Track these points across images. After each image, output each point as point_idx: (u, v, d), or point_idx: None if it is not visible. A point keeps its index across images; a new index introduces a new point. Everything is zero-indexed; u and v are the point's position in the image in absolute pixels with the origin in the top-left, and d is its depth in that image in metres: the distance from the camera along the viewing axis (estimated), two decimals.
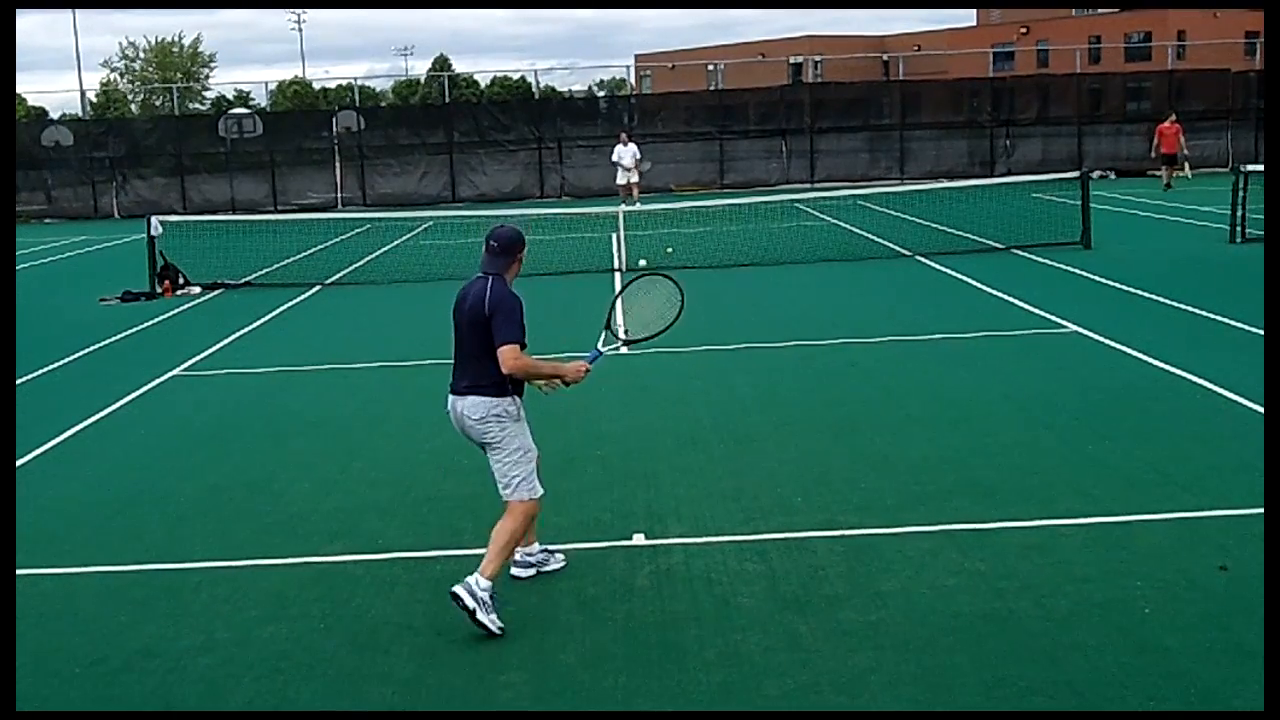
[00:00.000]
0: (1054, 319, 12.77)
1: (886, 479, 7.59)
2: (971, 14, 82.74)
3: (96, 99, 59.09)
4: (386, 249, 23.02)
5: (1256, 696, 4.60)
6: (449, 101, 44.37)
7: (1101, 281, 15.34)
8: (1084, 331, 12.03)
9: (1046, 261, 17.35)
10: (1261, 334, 11.14)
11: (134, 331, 14.86)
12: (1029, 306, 13.60)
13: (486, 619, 5.45)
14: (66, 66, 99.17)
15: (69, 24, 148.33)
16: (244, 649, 5.53)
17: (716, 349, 12.06)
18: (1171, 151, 30.12)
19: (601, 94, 53.97)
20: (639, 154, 30.08)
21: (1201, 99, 37.56)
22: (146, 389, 11.31)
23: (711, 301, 15.21)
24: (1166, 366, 10.34)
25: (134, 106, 63.11)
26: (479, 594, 5.45)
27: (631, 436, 8.89)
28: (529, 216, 25.65)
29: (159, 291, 17.78)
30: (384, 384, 11.23)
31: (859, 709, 4.75)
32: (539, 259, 18.40)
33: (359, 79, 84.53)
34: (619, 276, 17.65)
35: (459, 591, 5.45)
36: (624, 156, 29.78)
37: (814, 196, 29.29)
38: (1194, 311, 12.94)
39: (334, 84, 67.68)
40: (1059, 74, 43.16)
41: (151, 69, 68.46)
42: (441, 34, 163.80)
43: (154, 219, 18.52)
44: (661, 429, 9.07)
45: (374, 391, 10.94)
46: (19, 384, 11.53)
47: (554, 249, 19.82)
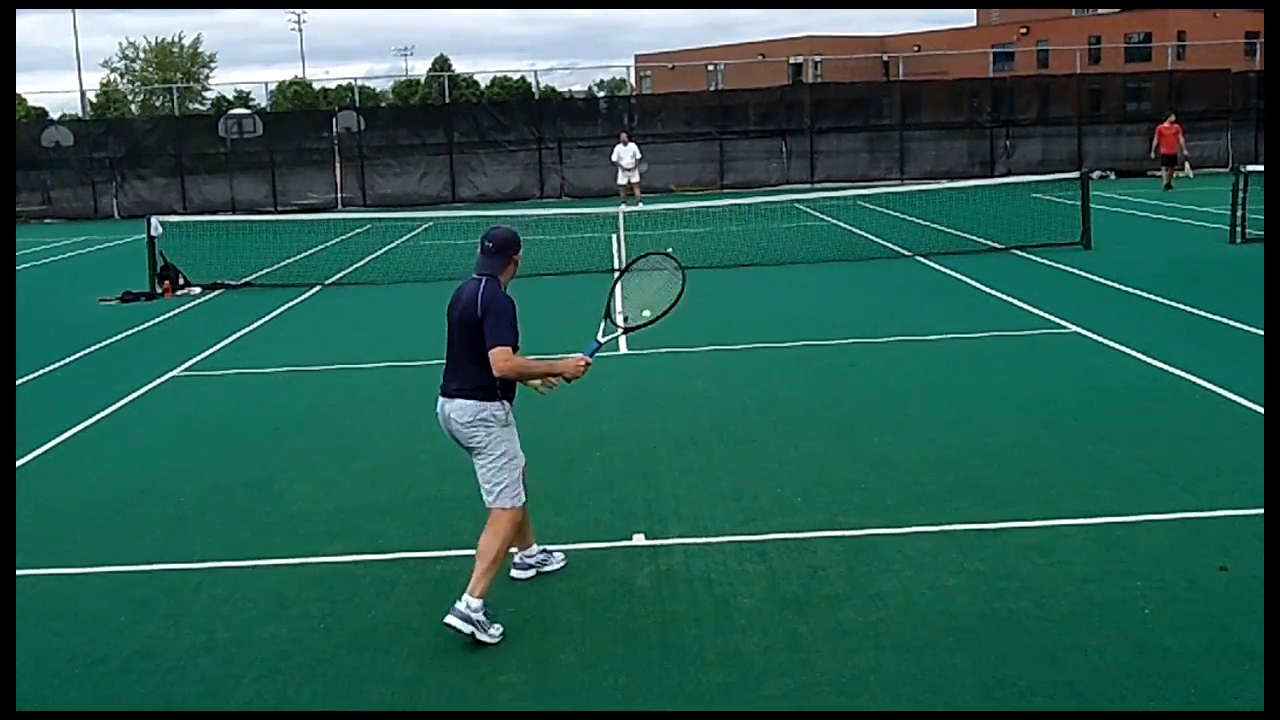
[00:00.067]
0: (1054, 319, 12.77)
1: (887, 479, 7.59)
2: (971, 14, 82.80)
3: (96, 99, 59.13)
4: (386, 249, 23.01)
5: (1256, 696, 4.60)
6: (449, 102, 44.32)
7: (1101, 282, 15.34)
8: (1084, 332, 12.03)
9: (1046, 262, 17.35)
10: (1261, 334, 11.14)
11: (134, 332, 14.86)
12: (1029, 307, 13.60)
13: (486, 637, 5.42)
14: (66, 67, 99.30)
15: (69, 24, 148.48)
16: (244, 649, 5.53)
17: (717, 349, 12.07)
18: (1171, 152, 30.15)
19: (601, 94, 53.97)
20: (639, 154, 30.05)
21: (1201, 99, 37.55)
22: (146, 389, 11.31)
23: (712, 302, 15.22)
24: (1166, 366, 10.34)
25: (134, 107, 63.13)
26: (473, 617, 5.39)
27: (631, 436, 8.89)
28: (529, 217, 25.68)
29: (159, 292, 17.77)
30: (384, 384, 11.24)
31: (859, 709, 4.76)
32: (539, 259, 18.43)
33: (359, 79, 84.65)
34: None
35: (453, 622, 5.37)
36: (624, 157, 29.75)
37: (814, 197, 29.30)
38: (1194, 311, 12.94)
39: (334, 84, 67.84)
40: (1059, 74, 43.14)
41: (151, 69, 68.48)
42: (441, 34, 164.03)
43: (154, 219, 18.51)
44: (661, 429, 9.08)
45: (374, 391, 10.94)
46: (19, 384, 11.53)
47: (554, 249, 19.82)
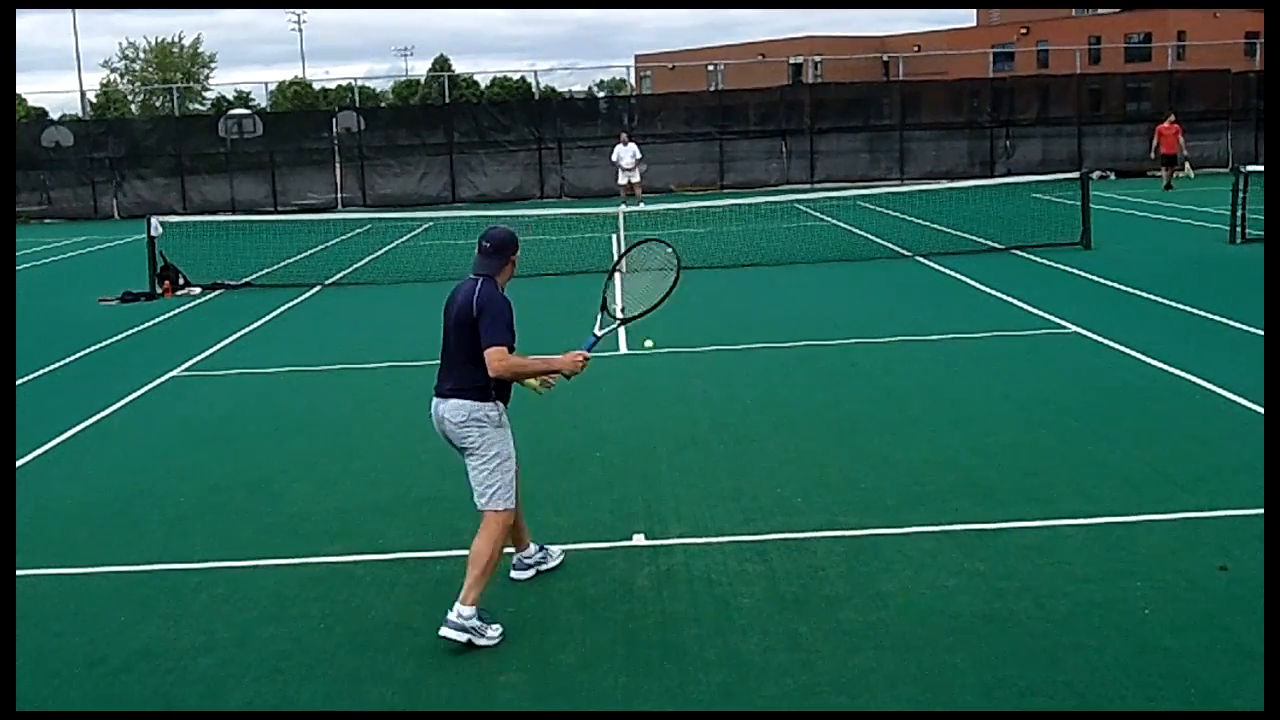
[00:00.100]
0: (1054, 319, 12.77)
1: (887, 479, 7.59)
2: (971, 14, 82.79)
3: (96, 99, 59.12)
4: (386, 249, 23.01)
5: (1256, 696, 4.60)
6: (449, 102, 44.28)
7: (1101, 282, 15.34)
8: (1084, 332, 12.03)
9: (1046, 262, 17.35)
10: (1261, 334, 11.14)
11: (134, 332, 14.86)
12: (1029, 307, 13.60)
13: (484, 641, 5.40)
14: (66, 67, 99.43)
15: (69, 24, 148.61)
16: (244, 649, 5.53)
17: (717, 349, 12.07)
18: (1171, 152, 30.16)
19: (601, 94, 53.96)
20: (639, 154, 30.04)
21: (1201, 99, 37.55)
22: (146, 389, 11.31)
23: (712, 302, 15.22)
24: (1166, 366, 10.34)
25: (134, 107, 63.15)
26: (467, 625, 5.37)
27: (631, 436, 8.89)
28: (529, 217, 25.68)
29: (159, 292, 17.77)
30: (384, 384, 11.23)
31: (859, 709, 4.76)
32: (540, 259, 18.44)
33: (359, 79, 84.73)
34: (619, 277, 17.60)
35: (447, 633, 5.35)
36: (624, 157, 29.74)
37: (814, 197, 29.30)
38: (1194, 311, 12.94)
39: (334, 84, 67.83)
40: (1059, 74, 43.15)
41: (151, 69, 68.50)
42: (441, 34, 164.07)
43: (154, 219, 18.51)
44: (661, 429, 9.08)
45: (374, 391, 10.94)
46: (19, 384, 11.53)
47: (554, 249, 19.82)
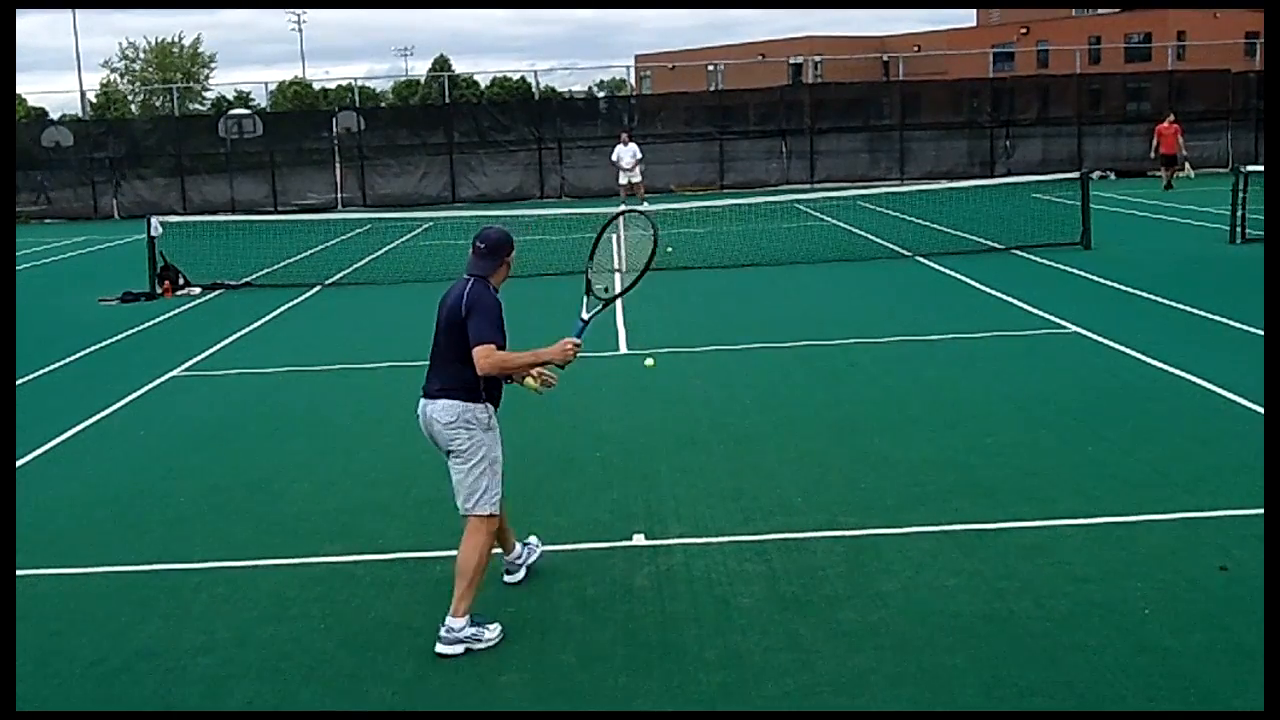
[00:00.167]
0: (1054, 319, 12.77)
1: (887, 479, 7.59)
2: (971, 14, 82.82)
3: (96, 99, 59.10)
4: (386, 249, 23.01)
5: (1256, 696, 4.60)
6: (449, 102, 44.25)
7: (1101, 282, 15.34)
8: (1084, 332, 12.03)
9: (1046, 262, 17.35)
10: (1261, 334, 11.14)
11: (134, 332, 14.86)
12: (1029, 307, 13.60)
13: (482, 645, 5.39)
14: (66, 67, 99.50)
15: (69, 24, 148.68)
16: (244, 649, 5.53)
17: (717, 349, 12.07)
18: (1171, 152, 30.15)
19: (601, 94, 53.96)
20: (639, 153, 30.04)
21: (1201, 99, 37.54)
22: (146, 389, 11.31)
23: (712, 302, 15.24)
24: (1166, 366, 10.34)
25: (134, 107, 63.12)
26: (461, 636, 5.35)
27: (631, 436, 8.89)
28: (529, 217, 25.67)
29: (159, 292, 17.77)
30: (384, 384, 11.23)
31: (859, 709, 4.76)
32: (540, 259, 18.42)
33: (359, 79, 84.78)
34: (619, 277, 17.60)
35: (443, 650, 5.32)
36: (624, 157, 29.75)
37: (814, 197, 29.29)
38: (1194, 311, 12.94)
39: (334, 84, 67.86)
40: (1059, 74, 43.17)
41: (151, 69, 68.47)
42: (441, 34, 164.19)
43: (154, 219, 18.50)
44: (661, 429, 9.07)
45: (374, 391, 10.94)
46: (19, 384, 11.53)
47: (554, 249, 19.80)
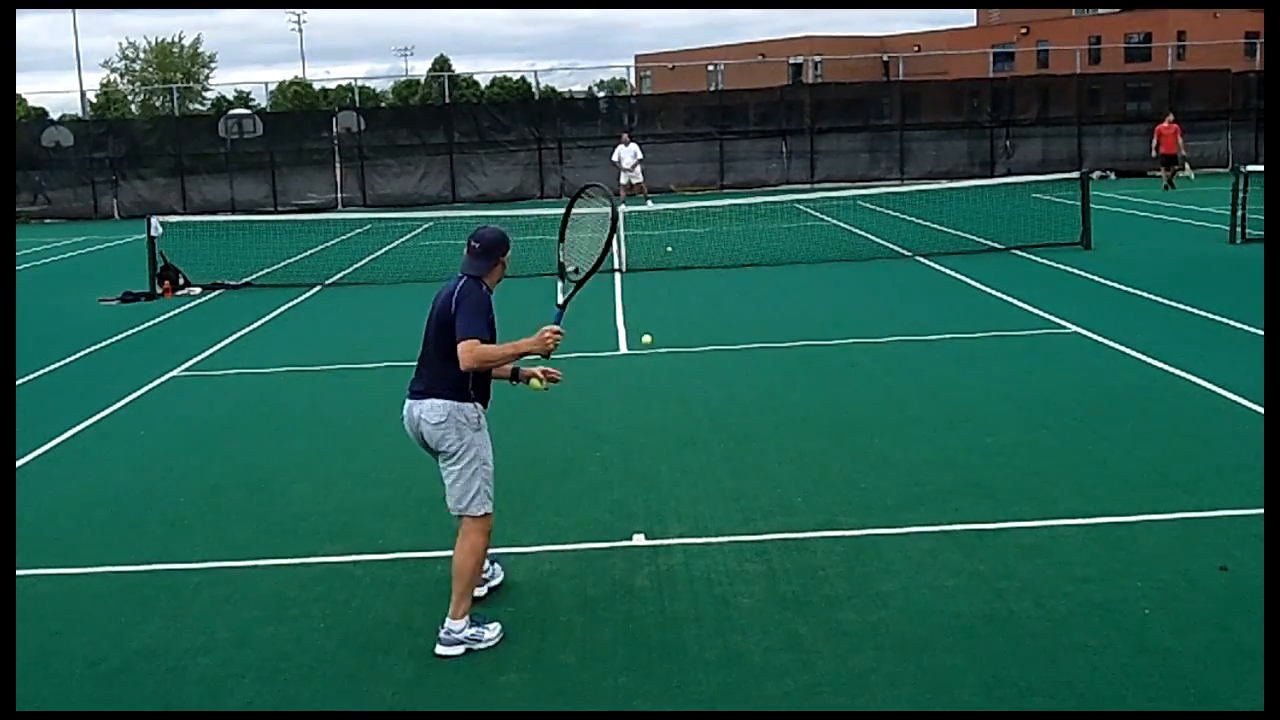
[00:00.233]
0: (1054, 319, 12.77)
1: (887, 479, 7.59)
2: (971, 14, 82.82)
3: (96, 99, 59.08)
4: (386, 249, 23.01)
5: (1256, 697, 4.60)
6: (449, 102, 44.22)
7: (1101, 282, 15.34)
8: (1084, 332, 12.03)
9: (1046, 262, 17.35)
10: (1261, 334, 11.14)
11: (134, 331, 14.86)
12: (1029, 307, 13.60)
13: (482, 645, 5.39)
14: (66, 67, 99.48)
15: (69, 24, 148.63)
16: (244, 649, 5.53)
17: (717, 349, 12.07)
18: (1171, 152, 30.15)
19: (601, 94, 53.96)
20: (640, 154, 30.03)
21: (1201, 99, 37.54)
22: (146, 389, 11.31)
23: (712, 302, 15.24)
24: (1166, 366, 10.34)
25: (134, 107, 63.11)
26: (460, 637, 5.35)
27: (631, 436, 8.89)
28: (529, 217, 25.65)
29: (159, 292, 17.76)
30: (384, 384, 11.21)
31: (859, 709, 4.75)
32: (540, 260, 18.40)
33: (359, 79, 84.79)
34: (619, 277, 17.65)
35: (443, 652, 5.33)
36: (624, 157, 29.76)
37: (814, 197, 29.30)
38: (1194, 311, 12.94)
39: (334, 84, 67.83)
40: (1059, 74, 43.17)
41: (151, 69, 68.45)
42: (441, 34, 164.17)
43: (154, 219, 18.50)
44: (661, 429, 9.07)
45: (374, 391, 10.93)
46: (19, 384, 11.53)
47: (554, 249, 19.77)
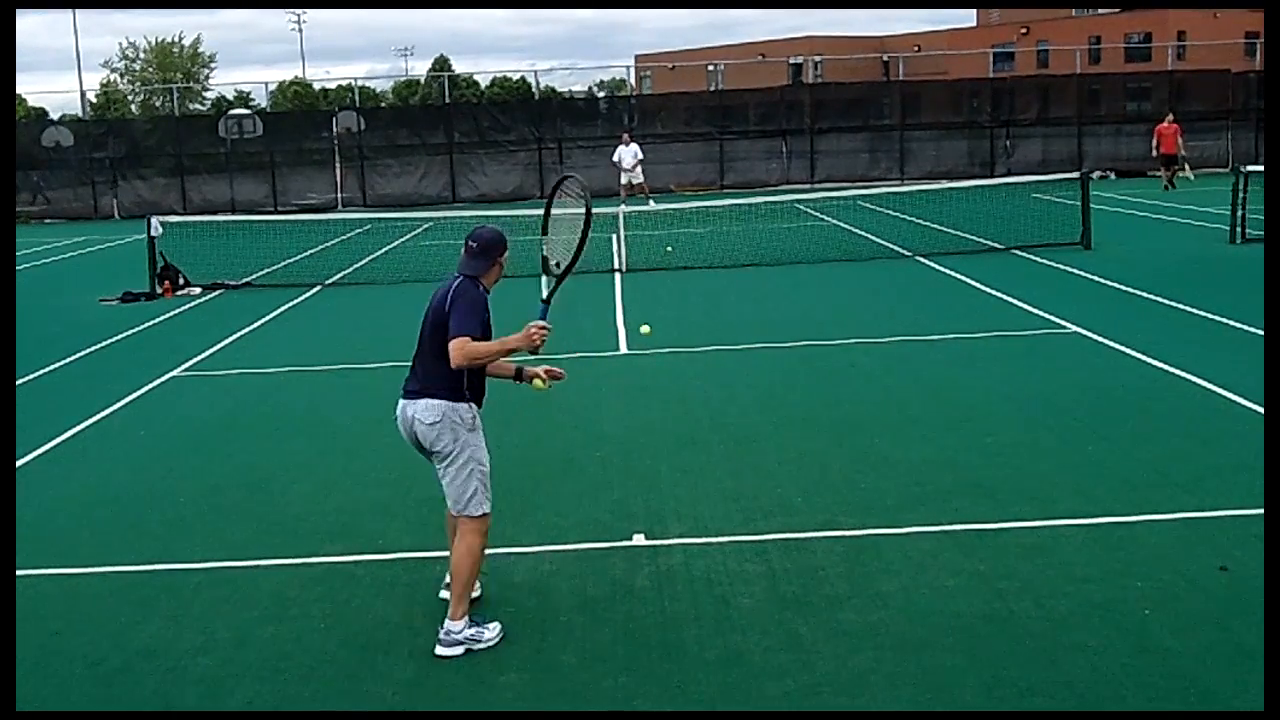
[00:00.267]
0: (1054, 319, 12.77)
1: (887, 479, 7.59)
2: (971, 14, 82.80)
3: (96, 99, 59.09)
4: (386, 249, 23.01)
5: (1256, 697, 4.60)
6: (449, 102, 44.20)
7: (1102, 282, 15.34)
8: (1084, 332, 12.03)
9: (1047, 262, 17.35)
10: (1261, 334, 11.14)
11: (134, 332, 14.86)
12: (1029, 307, 13.60)
13: (482, 645, 5.38)
14: (66, 67, 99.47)
15: (69, 24, 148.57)
16: (244, 649, 5.53)
17: (717, 349, 12.07)
18: (1171, 152, 30.14)
19: (602, 94, 53.97)
20: (640, 154, 30.02)
21: (1201, 99, 37.53)
22: (146, 389, 11.31)
23: (712, 302, 15.24)
24: (1166, 366, 10.34)
25: (134, 107, 63.13)
26: (460, 638, 5.35)
27: (631, 436, 8.89)
28: (529, 217, 25.65)
29: (159, 292, 17.76)
30: (384, 384, 11.17)
31: (859, 709, 4.75)
32: (540, 259, 18.40)
33: (359, 79, 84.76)
34: (619, 277, 17.65)
35: (442, 652, 5.32)
36: (625, 158, 29.75)
37: (814, 197, 29.30)
38: (1194, 311, 12.94)
39: (334, 84, 67.80)
40: (1059, 74, 43.18)
41: (151, 69, 68.47)
42: (441, 34, 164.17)
43: (154, 219, 18.50)
44: (661, 429, 9.08)
45: (374, 391, 10.92)
46: (19, 384, 11.53)
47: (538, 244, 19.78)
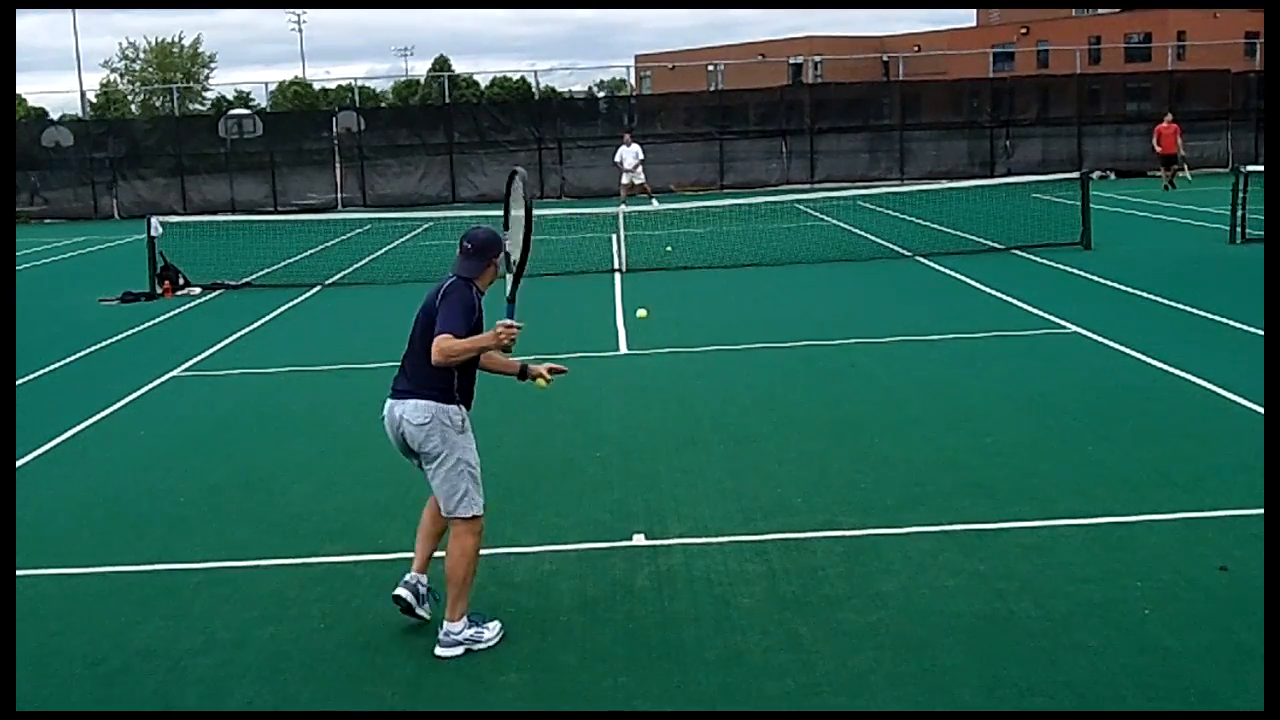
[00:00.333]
0: (1054, 319, 12.77)
1: (886, 479, 7.59)
2: (971, 14, 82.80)
3: (96, 99, 59.09)
4: (386, 249, 23.00)
5: (1256, 696, 4.60)
6: (449, 102, 44.18)
7: (1101, 282, 15.34)
8: (1084, 332, 12.03)
9: (1047, 262, 17.35)
10: (1261, 334, 11.14)
11: (134, 332, 14.86)
12: (1029, 307, 13.60)
13: (482, 645, 5.38)
14: (66, 67, 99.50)
15: (69, 24, 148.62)
16: (244, 649, 5.53)
17: (717, 349, 12.07)
18: (1171, 152, 30.14)
19: (601, 94, 53.98)
20: (641, 154, 30.02)
21: (1201, 99, 37.53)
22: (146, 389, 11.31)
23: (712, 302, 15.24)
24: (1166, 367, 10.34)
25: (134, 107, 63.13)
26: (459, 639, 5.35)
27: (631, 436, 8.89)
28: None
29: (159, 292, 17.76)
30: (384, 384, 11.10)
31: (859, 709, 4.75)
32: (540, 259, 18.39)
33: (359, 79, 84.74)
34: (619, 277, 17.65)
35: (441, 653, 5.32)
36: (626, 158, 29.75)
37: (814, 197, 29.30)
38: (1194, 311, 12.94)
39: (334, 84, 67.82)
40: (1059, 74, 43.19)
41: (151, 69, 68.48)
42: (441, 34, 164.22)
43: (154, 219, 18.49)
44: (661, 429, 9.07)
45: (374, 391, 10.84)
46: (19, 384, 11.53)
47: (554, 249, 19.81)
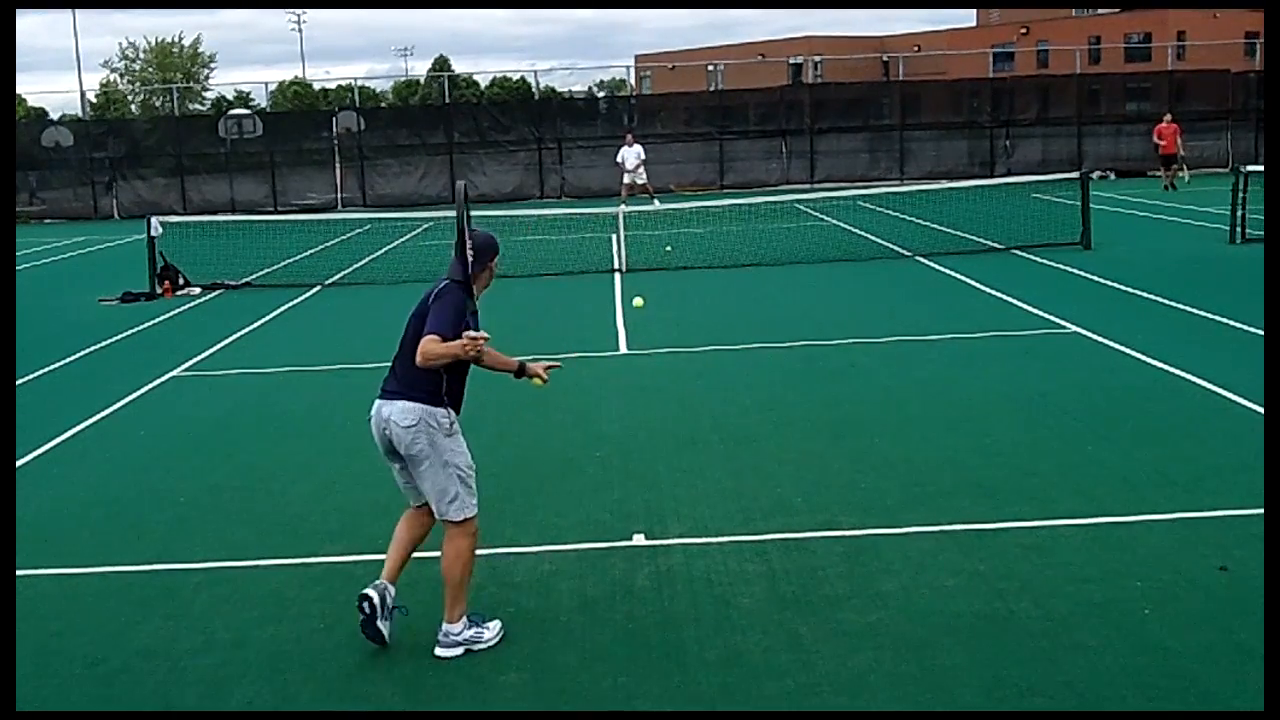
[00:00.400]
0: (1054, 319, 12.77)
1: (886, 479, 7.59)
2: (971, 14, 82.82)
3: (96, 99, 59.09)
4: (386, 249, 23.01)
5: (1256, 696, 4.60)
6: (449, 102, 44.16)
7: (1101, 282, 15.34)
8: (1084, 332, 12.03)
9: (1047, 262, 17.35)
10: (1261, 334, 11.14)
11: (134, 332, 14.86)
12: (1029, 307, 13.60)
13: (482, 645, 5.38)
14: (66, 67, 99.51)
15: (69, 24, 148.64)
16: (244, 649, 5.53)
17: (717, 349, 12.07)
18: (1171, 152, 30.14)
19: (601, 94, 53.98)
20: (642, 154, 30.01)
21: (1201, 99, 37.53)
22: (146, 389, 11.31)
23: (712, 302, 15.24)
24: (1166, 367, 10.34)
25: (134, 107, 63.13)
26: (458, 639, 5.35)
27: (631, 437, 8.89)
28: (529, 217, 25.66)
29: (159, 292, 17.76)
30: None
31: (859, 709, 4.75)
32: (540, 259, 18.47)
33: (359, 79, 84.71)
34: (619, 277, 17.66)
35: (441, 653, 5.32)
36: (627, 158, 29.75)
37: (814, 197, 29.31)
38: (1194, 312, 12.94)
39: (334, 84, 67.83)
40: (1059, 74, 43.19)
41: (151, 69, 68.48)
42: (441, 34, 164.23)
43: (154, 219, 18.50)
44: (661, 429, 9.07)
45: (374, 392, 10.86)
46: (19, 384, 11.53)
47: (554, 249, 19.82)
